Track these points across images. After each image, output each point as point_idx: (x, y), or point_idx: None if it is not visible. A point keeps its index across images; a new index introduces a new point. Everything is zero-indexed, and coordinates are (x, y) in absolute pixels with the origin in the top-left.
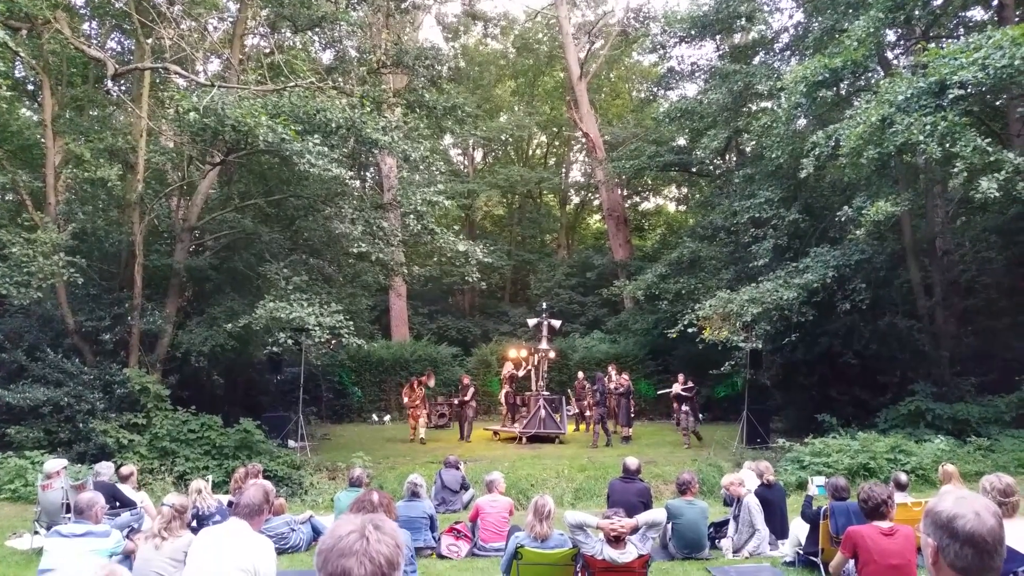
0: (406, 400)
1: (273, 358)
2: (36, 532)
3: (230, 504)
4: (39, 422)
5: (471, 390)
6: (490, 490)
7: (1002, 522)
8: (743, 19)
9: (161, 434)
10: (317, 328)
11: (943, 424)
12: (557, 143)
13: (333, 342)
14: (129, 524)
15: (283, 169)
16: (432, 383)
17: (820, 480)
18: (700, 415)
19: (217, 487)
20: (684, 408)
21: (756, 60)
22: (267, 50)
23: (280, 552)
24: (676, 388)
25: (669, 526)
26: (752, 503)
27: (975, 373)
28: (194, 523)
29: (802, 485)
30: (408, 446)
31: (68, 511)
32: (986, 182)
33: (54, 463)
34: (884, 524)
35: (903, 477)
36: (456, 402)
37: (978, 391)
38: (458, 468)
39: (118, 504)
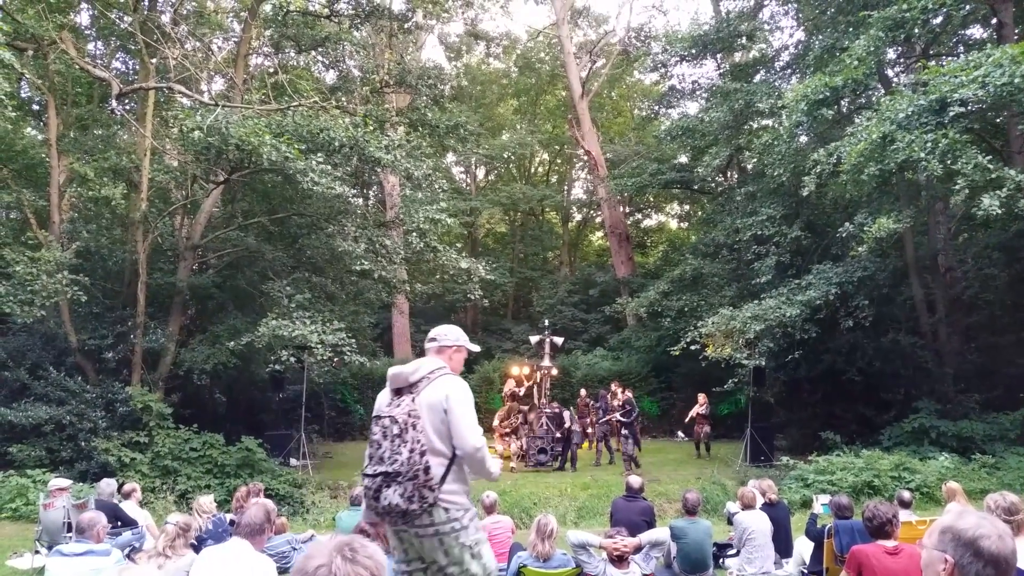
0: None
1: (275, 376)
2: (37, 552)
3: (231, 523)
4: (41, 441)
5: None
6: (490, 512)
7: (1015, 544)
8: (744, 38)
9: (163, 452)
10: (319, 346)
11: (947, 442)
12: (559, 161)
13: (335, 360)
14: (131, 543)
15: (286, 188)
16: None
17: (825, 498)
18: (640, 439)
19: (219, 506)
20: (623, 432)
21: (757, 78)
22: (271, 70)
23: (282, 571)
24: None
25: (673, 545)
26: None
27: (979, 390)
28: (194, 542)
29: (806, 503)
30: None
31: (70, 530)
32: (988, 199)
33: (56, 482)
34: (889, 543)
35: (907, 495)
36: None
37: (982, 408)
38: None
39: (120, 523)
